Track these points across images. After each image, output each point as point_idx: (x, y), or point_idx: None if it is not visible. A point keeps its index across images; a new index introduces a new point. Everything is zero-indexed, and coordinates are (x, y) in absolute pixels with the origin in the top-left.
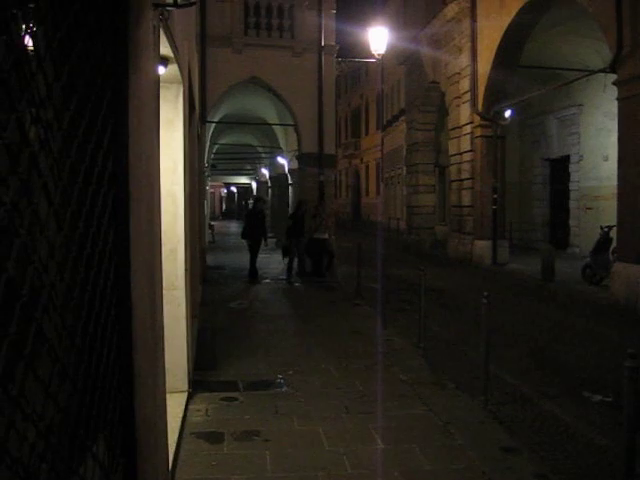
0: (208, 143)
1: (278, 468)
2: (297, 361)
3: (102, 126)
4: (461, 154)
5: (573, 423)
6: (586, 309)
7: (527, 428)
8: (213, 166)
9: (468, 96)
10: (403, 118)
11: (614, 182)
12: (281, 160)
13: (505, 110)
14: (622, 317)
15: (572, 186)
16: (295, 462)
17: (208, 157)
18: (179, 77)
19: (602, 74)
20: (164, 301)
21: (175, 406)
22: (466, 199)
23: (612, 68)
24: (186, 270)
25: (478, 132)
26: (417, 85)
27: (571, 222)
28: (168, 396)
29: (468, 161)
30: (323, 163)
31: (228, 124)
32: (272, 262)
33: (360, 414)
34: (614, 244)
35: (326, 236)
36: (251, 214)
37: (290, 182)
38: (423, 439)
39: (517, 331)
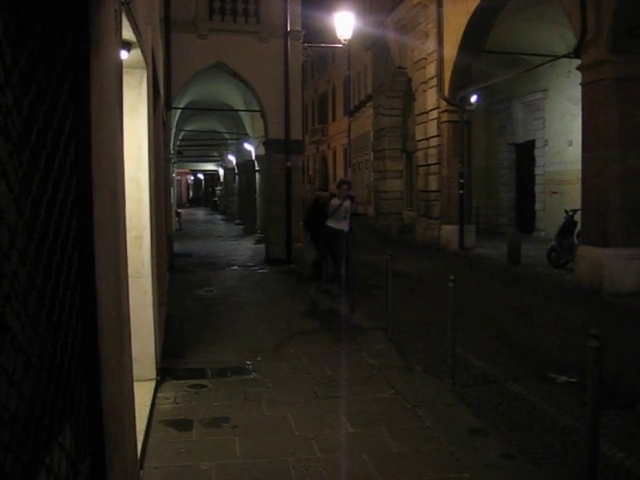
0: (174, 130)
1: (247, 454)
2: (266, 347)
3: (63, 111)
4: (428, 139)
5: (539, 404)
6: (551, 292)
7: (494, 409)
8: (179, 153)
9: (434, 81)
10: (370, 104)
11: (578, 166)
12: (248, 146)
13: (471, 95)
14: (587, 299)
15: (537, 171)
16: (264, 447)
17: (174, 144)
18: (142, 62)
19: (566, 59)
20: (130, 289)
21: (143, 394)
22: (433, 184)
23: (576, 53)
24: (152, 257)
25: (444, 117)
26: (384, 70)
27: (536, 206)
28: (136, 384)
29: (435, 146)
30: (290, 149)
31: (194, 110)
32: (240, 248)
33: (329, 398)
34: (579, 228)
35: (345, 228)
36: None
37: (257, 168)
38: (391, 422)
39: (484, 314)
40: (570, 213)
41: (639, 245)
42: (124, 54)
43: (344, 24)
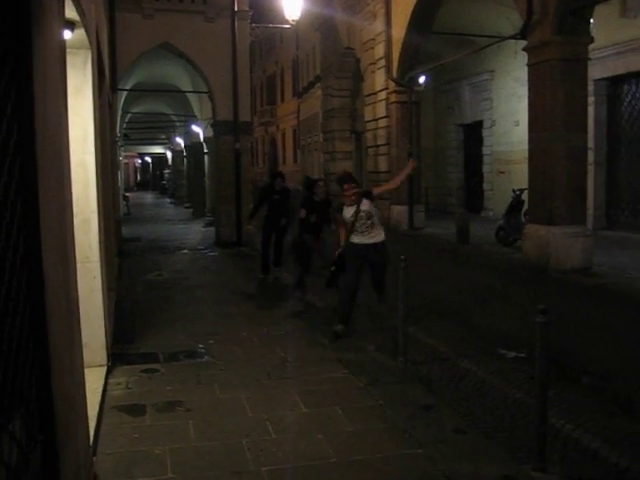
0: (120, 112)
1: (202, 437)
2: (218, 330)
3: (5, 92)
4: (377, 120)
5: (489, 379)
6: (500, 270)
7: (445, 386)
8: (126, 136)
9: (383, 62)
10: (319, 85)
11: (525, 146)
12: (196, 128)
13: (419, 76)
14: (534, 276)
15: (485, 151)
16: (219, 430)
17: (120, 126)
18: (87, 42)
19: (513, 40)
20: (79, 274)
21: (94, 380)
22: (382, 165)
23: (522, 35)
24: (100, 242)
25: (393, 98)
26: (332, 51)
27: (484, 186)
28: (87, 371)
29: (384, 127)
30: (239, 131)
31: (141, 92)
32: (189, 232)
33: (282, 379)
34: (526, 206)
35: (379, 238)
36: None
37: (206, 151)
38: (345, 401)
39: (434, 293)
40: (517, 192)
41: (584, 223)
42: (67, 34)
43: (292, 4)
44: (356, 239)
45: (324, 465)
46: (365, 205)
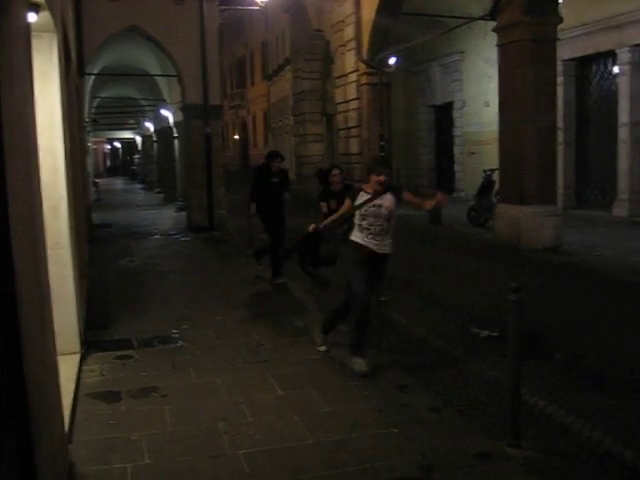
0: (88, 97)
1: (178, 422)
2: (192, 315)
3: None
4: (347, 102)
5: (464, 358)
6: (472, 250)
7: (420, 366)
8: (94, 121)
9: (353, 44)
10: (289, 67)
11: (495, 127)
12: (165, 113)
13: (390, 57)
14: (506, 255)
15: (456, 132)
16: (194, 415)
17: (89, 111)
18: (52, 25)
19: (483, 21)
20: (49, 261)
21: (68, 368)
22: (354, 147)
23: (492, 15)
24: (71, 228)
25: (364, 80)
26: (302, 33)
27: (456, 167)
28: (60, 358)
29: (354, 109)
30: (209, 114)
31: (109, 76)
32: (161, 217)
33: (257, 363)
34: (497, 187)
35: (388, 250)
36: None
37: (176, 135)
38: (321, 383)
39: (407, 274)
40: (488, 173)
41: (554, 202)
42: (32, 16)
43: None
44: (363, 239)
45: (301, 447)
46: (389, 202)
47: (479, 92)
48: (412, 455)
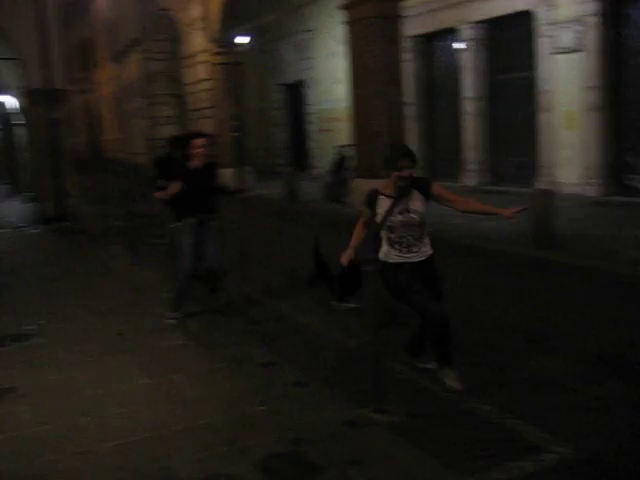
0: None
1: (39, 422)
2: (49, 310)
3: None
4: (199, 83)
5: (326, 331)
6: (329, 226)
7: (285, 342)
8: None
9: (201, 23)
10: (137, 48)
11: (346, 104)
12: (5, 98)
13: (240, 36)
14: None
15: (308, 109)
16: (56, 412)
17: None
18: None
19: None
20: None
21: None
22: (207, 128)
23: None
24: None
25: (214, 60)
26: (148, 13)
27: (310, 144)
28: None
29: (206, 90)
30: (54, 99)
31: None
32: (7, 209)
33: (120, 353)
34: (350, 162)
35: (429, 251)
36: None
37: (19, 122)
38: (186, 368)
39: (267, 252)
40: (341, 149)
41: None
42: None
43: None
44: (398, 256)
45: (170, 433)
46: (419, 202)
47: (329, 70)
48: (281, 430)
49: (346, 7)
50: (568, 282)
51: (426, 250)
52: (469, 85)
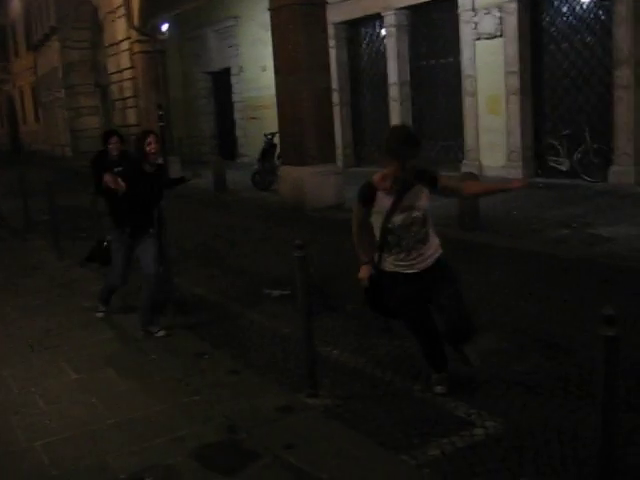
0: None
1: None
2: None
3: None
4: (121, 72)
5: (259, 319)
6: (258, 213)
7: (217, 332)
8: None
9: (123, 10)
10: (56, 37)
11: (273, 91)
12: None
13: (162, 24)
14: (291, 216)
15: (235, 98)
16: None
17: None
18: None
19: None
20: None
21: None
22: (131, 118)
23: None
24: None
25: (137, 48)
26: (68, 0)
27: (237, 133)
28: None
29: (129, 79)
30: None
31: None
32: None
33: (48, 349)
34: (278, 150)
35: (436, 252)
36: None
37: None
38: (117, 362)
39: (195, 242)
40: (269, 137)
41: (334, 161)
42: None
43: None
44: (394, 264)
45: (102, 428)
46: (423, 198)
47: (255, 57)
48: (216, 419)
49: None
50: (494, 262)
51: (431, 253)
52: (394, 71)
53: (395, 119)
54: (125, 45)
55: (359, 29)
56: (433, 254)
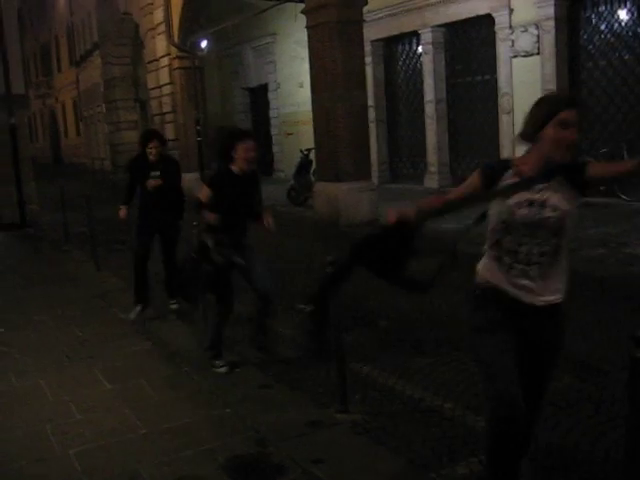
0: None
1: (3, 428)
2: (8, 317)
3: None
4: (161, 87)
5: (290, 333)
6: (294, 228)
7: (248, 345)
8: None
9: (163, 27)
10: (98, 52)
11: (310, 107)
12: None
13: (201, 40)
14: (325, 232)
15: (272, 113)
16: (19, 419)
17: None
18: None
19: (292, 3)
20: None
21: None
22: (170, 133)
23: None
24: None
25: (176, 64)
26: (109, 16)
27: (274, 148)
28: None
29: (168, 94)
30: (12, 104)
31: None
32: None
33: (83, 359)
34: (314, 166)
35: (558, 294)
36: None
37: None
38: (151, 373)
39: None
40: (305, 152)
41: (369, 178)
42: None
43: None
44: (505, 279)
45: (134, 438)
46: (562, 194)
47: (292, 73)
48: (246, 432)
49: (308, 11)
50: None
51: (557, 287)
52: (430, 88)
53: (431, 136)
54: (165, 61)
55: (396, 46)
56: (556, 290)
